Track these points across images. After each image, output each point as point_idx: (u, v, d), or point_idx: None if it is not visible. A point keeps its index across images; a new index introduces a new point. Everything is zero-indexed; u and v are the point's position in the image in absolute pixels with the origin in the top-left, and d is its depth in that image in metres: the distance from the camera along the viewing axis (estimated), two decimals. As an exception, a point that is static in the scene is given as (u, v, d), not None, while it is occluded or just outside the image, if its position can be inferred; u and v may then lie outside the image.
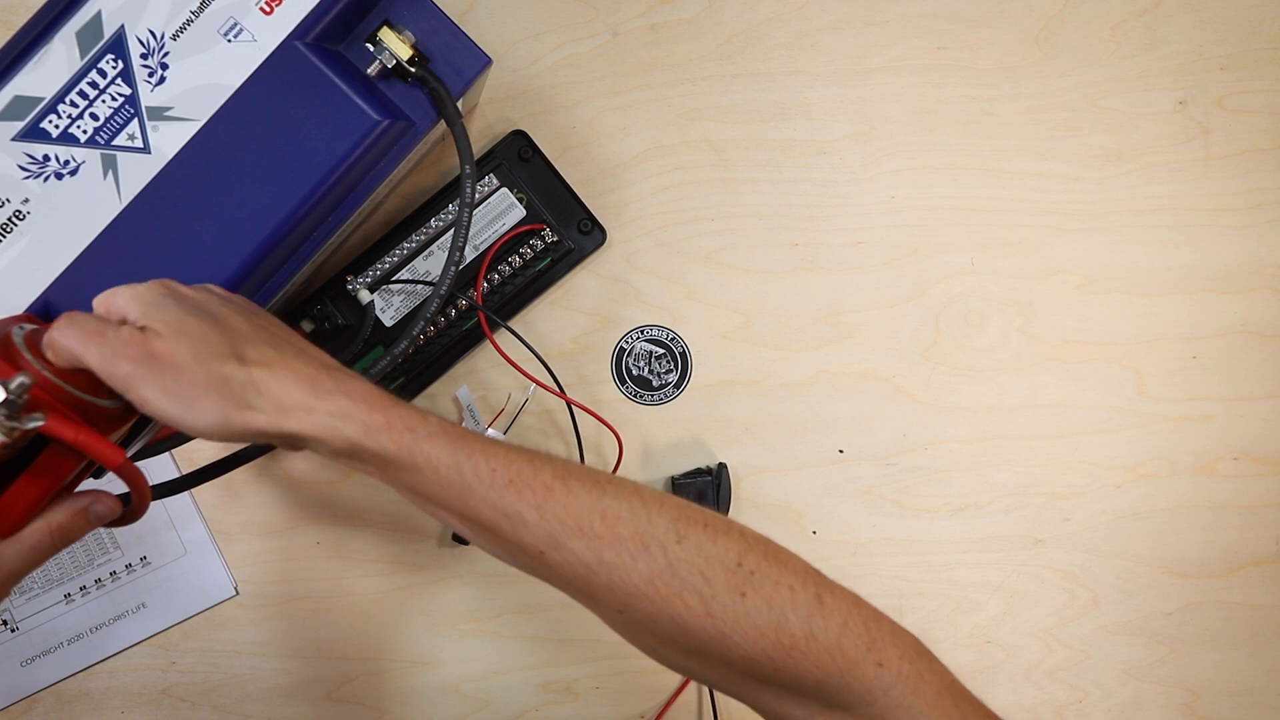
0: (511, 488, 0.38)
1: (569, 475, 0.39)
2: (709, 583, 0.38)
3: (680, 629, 0.38)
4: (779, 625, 0.38)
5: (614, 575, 0.38)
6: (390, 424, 0.37)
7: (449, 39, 0.48)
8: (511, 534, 0.39)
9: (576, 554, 0.38)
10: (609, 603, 0.39)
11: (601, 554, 0.38)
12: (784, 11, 0.65)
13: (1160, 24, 0.66)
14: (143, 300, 0.38)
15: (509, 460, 0.38)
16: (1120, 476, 0.66)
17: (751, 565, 0.38)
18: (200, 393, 0.36)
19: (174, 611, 0.61)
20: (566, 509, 0.38)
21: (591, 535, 0.38)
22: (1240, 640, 0.66)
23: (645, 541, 0.38)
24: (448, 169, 0.63)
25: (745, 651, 0.38)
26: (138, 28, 0.44)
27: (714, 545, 0.38)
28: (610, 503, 0.38)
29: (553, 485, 0.38)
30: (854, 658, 0.38)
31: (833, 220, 0.65)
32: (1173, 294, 0.66)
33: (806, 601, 0.38)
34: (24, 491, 0.37)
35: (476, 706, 0.63)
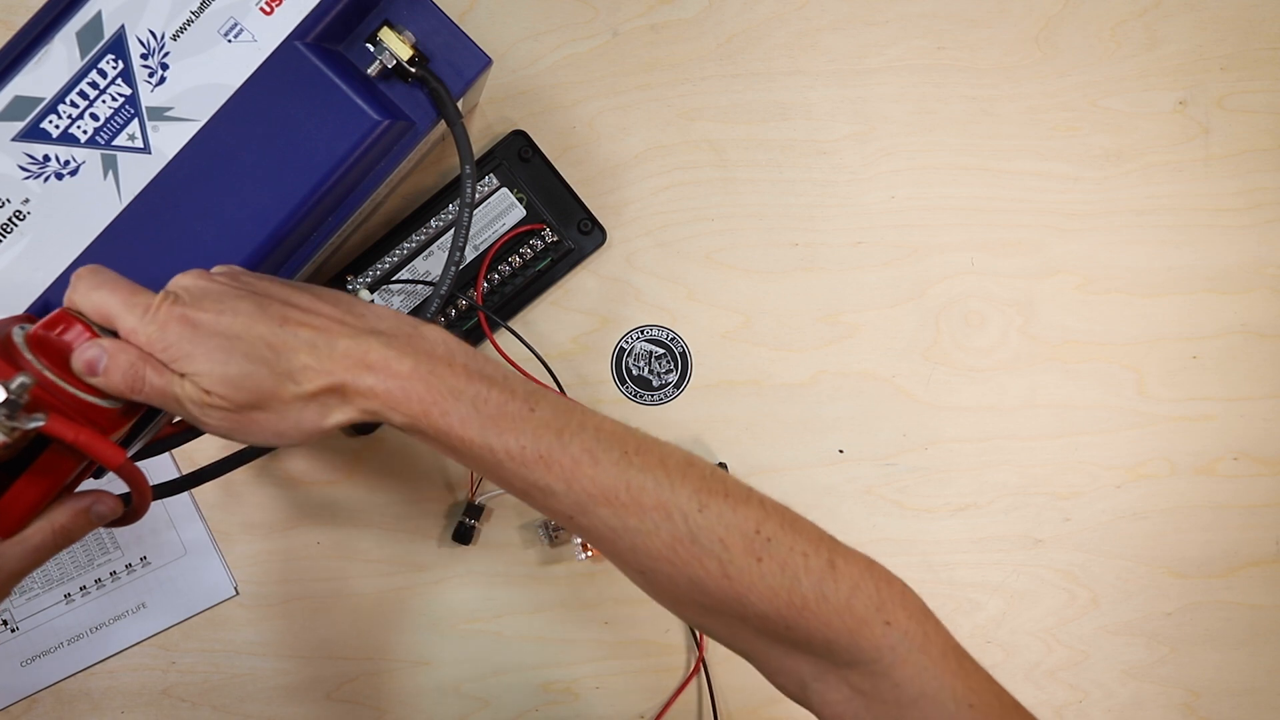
0: (541, 464, 0.40)
1: (598, 447, 0.40)
2: (727, 549, 0.39)
3: (699, 589, 0.40)
4: (791, 587, 0.39)
5: (638, 540, 0.40)
6: (426, 412, 0.39)
7: (449, 39, 0.48)
8: (542, 503, 0.41)
9: (603, 520, 0.40)
10: (633, 564, 0.41)
11: (626, 521, 0.40)
12: (784, 11, 0.65)
13: (1160, 24, 0.66)
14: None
15: (538, 436, 0.40)
16: (1120, 476, 0.66)
17: (769, 533, 0.40)
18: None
19: (174, 611, 0.61)
20: (593, 481, 0.40)
21: (617, 504, 0.40)
22: (1240, 640, 0.66)
23: (668, 510, 0.40)
24: (448, 169, 0.63)
25: (760, 610, 0.40)
26: (138, 28, 0.44)
27: (734, 514, 0.40)
28: (635, 475, 0.40)
29: (580, 459, 0.40)
30: (863, 617, 0.40)
31: (833, 220, 0.65)
32: (1173, 294, 0.66)
33: (819, 566, 0.40)
34: (25, 492, 0.37)
35: (476, 706, 0.63)
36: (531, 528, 0.63)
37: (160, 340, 0.38)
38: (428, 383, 0.39)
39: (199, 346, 0.38)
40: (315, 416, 0.40)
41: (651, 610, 0.63)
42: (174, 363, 0.38)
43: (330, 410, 0.40)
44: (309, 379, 0.39)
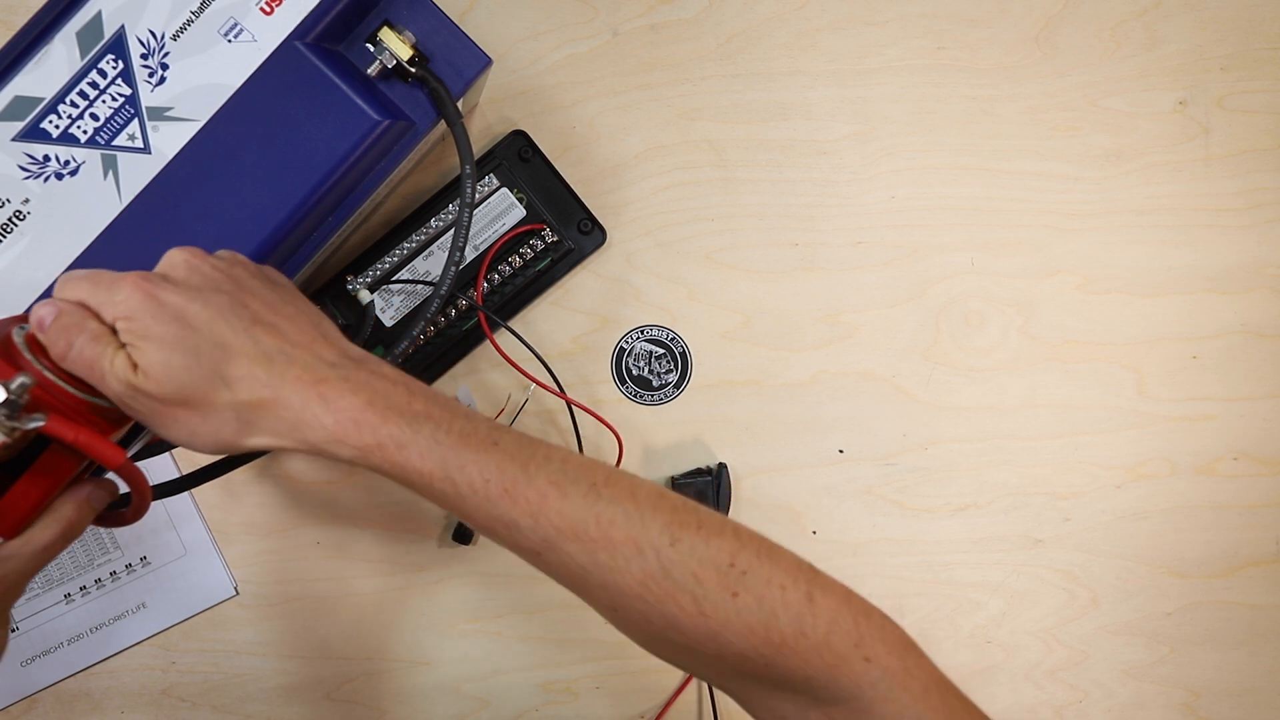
0: (506, 497, 0.38)
1: (565, 479, 0.39)
2: (701, 583, 0.38)
3: (673, 627, 0.39)
4: (769, 623, 0.38)
5: (608, 577, 0.38)
6: (381, 445, 0.37)
7: (449, 39, 0.48)
8: (507, 538, 0.39)
9: (572, 556, 0.38)
10: (603, 600, 0.39)
11: (596, 556, 0.38)
12: (784, 11, 0.65)
13: (1160, 24, 0.66)
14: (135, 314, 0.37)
15: (502, 468, 0.38)
16: (1120, 476, 0.66)
17: (744, 565, 0.39)
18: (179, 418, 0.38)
19: (174, 611, 0.61)
20: (561, 515, 0.38)
21: (586, 539, 0.38)
22: (1240, 640, 0.66)
23: (639, 545, 0.38)
24: (448, 169, 0.63)
25: (737, 648, 0.38)
26: (138, 28, 0.44)
27: (707, 547, 0.39)
28: (605, 508, 0.38)
29: (547, 492, 0.38)
30: (841, 653, 0.38)
31: (833, 220, 0.65)
32: (1173, 294, 0.66)
33: (797, 600, 0.39)
34: (26, 492, 0.37)
35: (476, 706, 0.63)
36: (531, 528, 0.63)
37: (121, 307, 0.37)
38: (383, 414, 0.37)
39: (154, 324, 0.36)
40: (235, 430, 0.38)
41: (651, 610, 0.63)
42: (124, 332, 0.37)
43: (254, 427, 0.38)
44: (245, 389, 0.37)
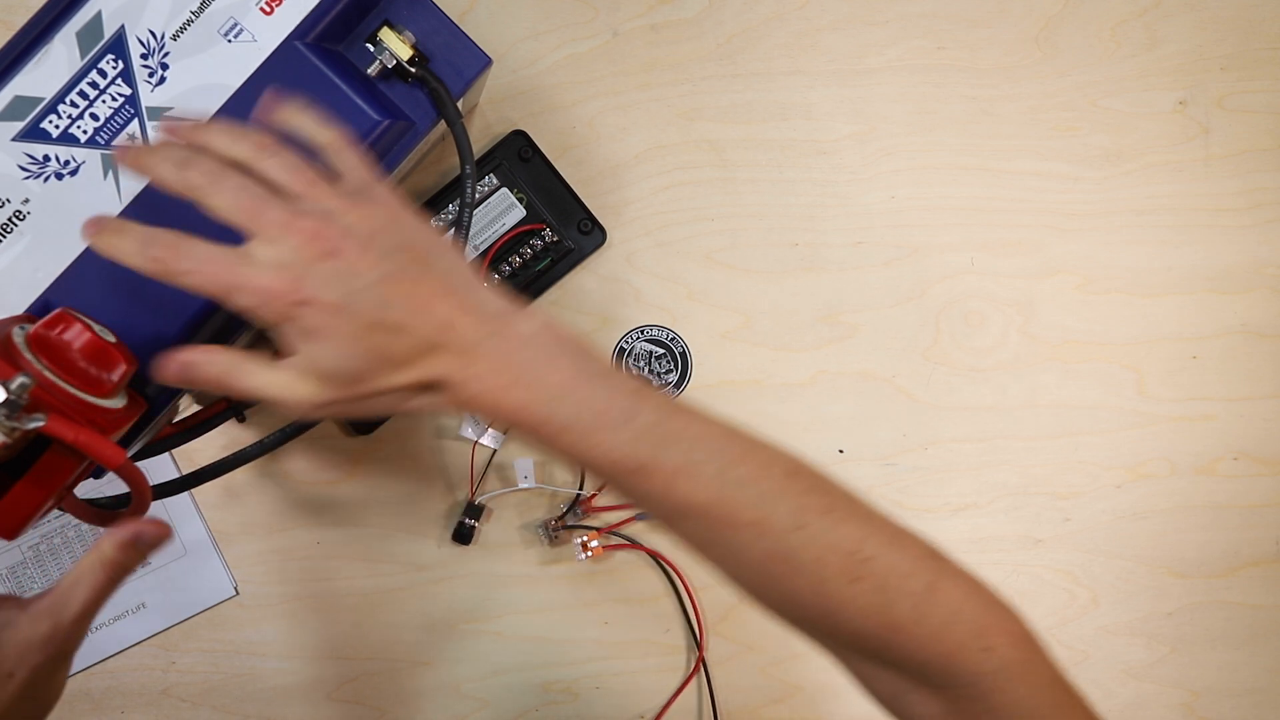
0: (639, 473, 0.38)
1: (696, 457, 0.38)
2: (823, 567, 0.38)
3: (790, 602, 0.39)
4: (887, 609, 0.38)
5: (729, 553, 0.39)
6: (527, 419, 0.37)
7: (449, 39, 0.48)
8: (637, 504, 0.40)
9: (696, 531, 0.39)
10: (723, 570, 0.40)
11: (719, 534, 0.39)
12: (784, 11, 0.65)
13: (1160, 24, 0.66)
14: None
15: (636, 446, 0.38)
16: (1120, 476, 0.66)
17: (870, 552, 0.39)
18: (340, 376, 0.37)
19: (174, 611, 0.61)
20: (688, 496, 0.38)
21: (710, 519, 0.38)
22: (1240, 640, 0.66)
23: (764, 528, 0.38)
24: (448, 169, 0.63)
25: (853, 628, 0.39)
26: (138, 28, 0.44)
27: (833, 532, 0.38)
28: (732, 490, 0.38)
29: (678, 472, 0.38)
30: (960, 642, 0.38)
31: (833, 220, 0.65)
32: (1173, 294, 0.66)
33: (919, 588, 0.38)
34: (26, 493, 0.37)
35: (476, 706, 0.63)
36: (531, 528, 0.63)
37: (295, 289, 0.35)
38: (531, 389, 0.37)
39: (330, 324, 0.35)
40: (395, 401, 0.38)
41: (651, 610, 0.63)
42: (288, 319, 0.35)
43: (413, 398, 0.38)
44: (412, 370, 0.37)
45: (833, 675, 0.64)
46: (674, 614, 0.64)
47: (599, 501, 0.63)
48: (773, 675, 0.64)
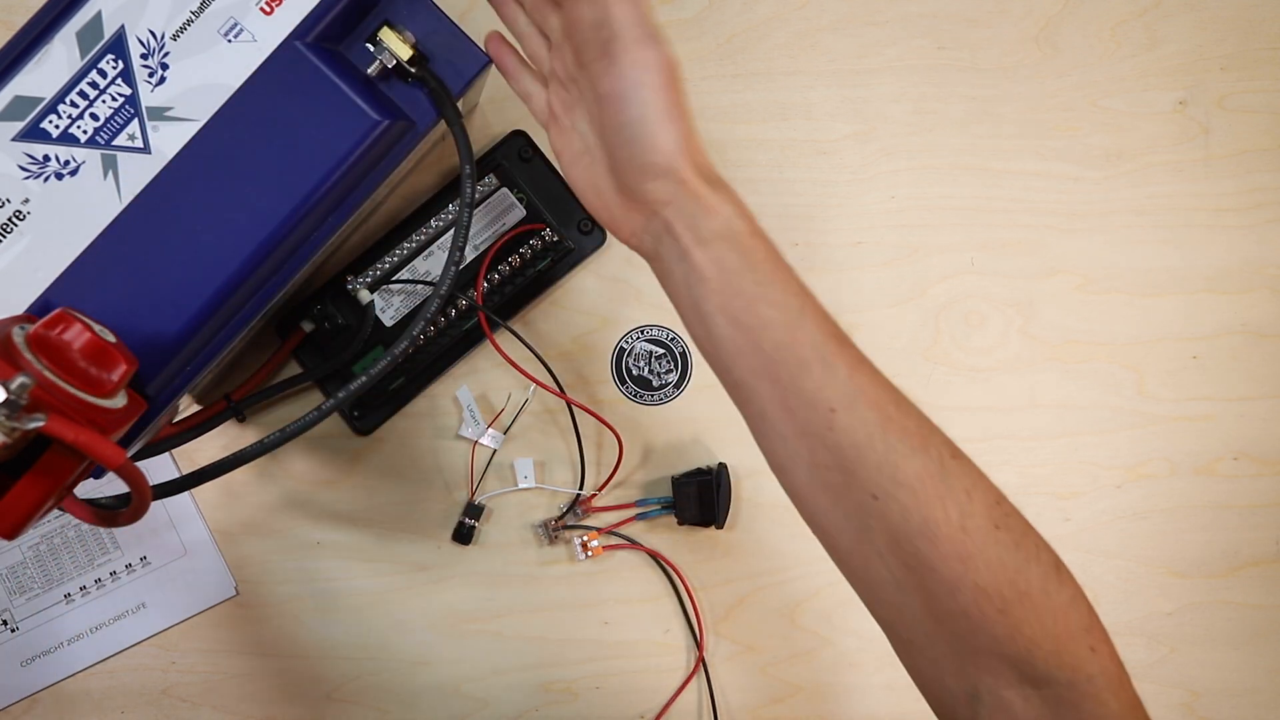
0: (834, 340, 0.39)
1: (869, 362, 0.40)
2: (971, 501, 0.37)
3: (928, 534, 0.37)
4: (1021, 568, 0.37)
5: (890, 457, 0.38)
6: (762, 236, 0.41)
7: (449, 39, 0.48)
8: (819, 378, 0.39)
9: (865, 422, 0.38)
10: (868, 484, 0.38)
11: (887, 432, 0.38)
12: (784, 12, 0.65)
13: (1160, 24, 0.66)
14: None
15: (830, 316, 0.40)
16: (1120, 476, 0.66)
17: (1007, 509, 0.38)
18: (680, 116, 0.41)
19: (174, 611, 0.61)
20: (871, 381, 0.39)
21: (883, 415, 0.38)
22: (1240, 640, 0.66)
23: (926, 442, 0.38)
24: (448, 169, 0.63)
25: (980, 580, 0.37)
26: (138, 28, 0.44)
27: (980, 477, 0.39)
28: (901, 397, 0.39)
29: (863, 359, 0.40)
30: (1073, 632, 0.37)
31: (833, 220, 0.65)
32: (1173, 294, 0.66)
33: (1048, 561, 0.38)
34: (26, 493, 0.37)
35: (476, 706, 0.63)
36: (531, 528, 0.63)
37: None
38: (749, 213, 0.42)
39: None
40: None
41: (651, 610, 0.63)
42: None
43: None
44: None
45: (832, 675, 0.64)
46: (674, 614, 0.64)
47: (599, 501, 0.63)
48: (773, 675, 0.64)
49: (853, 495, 0.39)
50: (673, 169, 0.41)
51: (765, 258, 0.41)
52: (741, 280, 0.40)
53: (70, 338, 0.38)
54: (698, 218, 0.41)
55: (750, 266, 0.40)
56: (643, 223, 0.43)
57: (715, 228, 0.40)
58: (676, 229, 0.41)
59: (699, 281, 0.41)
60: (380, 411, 0.62)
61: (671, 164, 0.41)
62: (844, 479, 0.39)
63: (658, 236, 0.42)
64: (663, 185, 0.41)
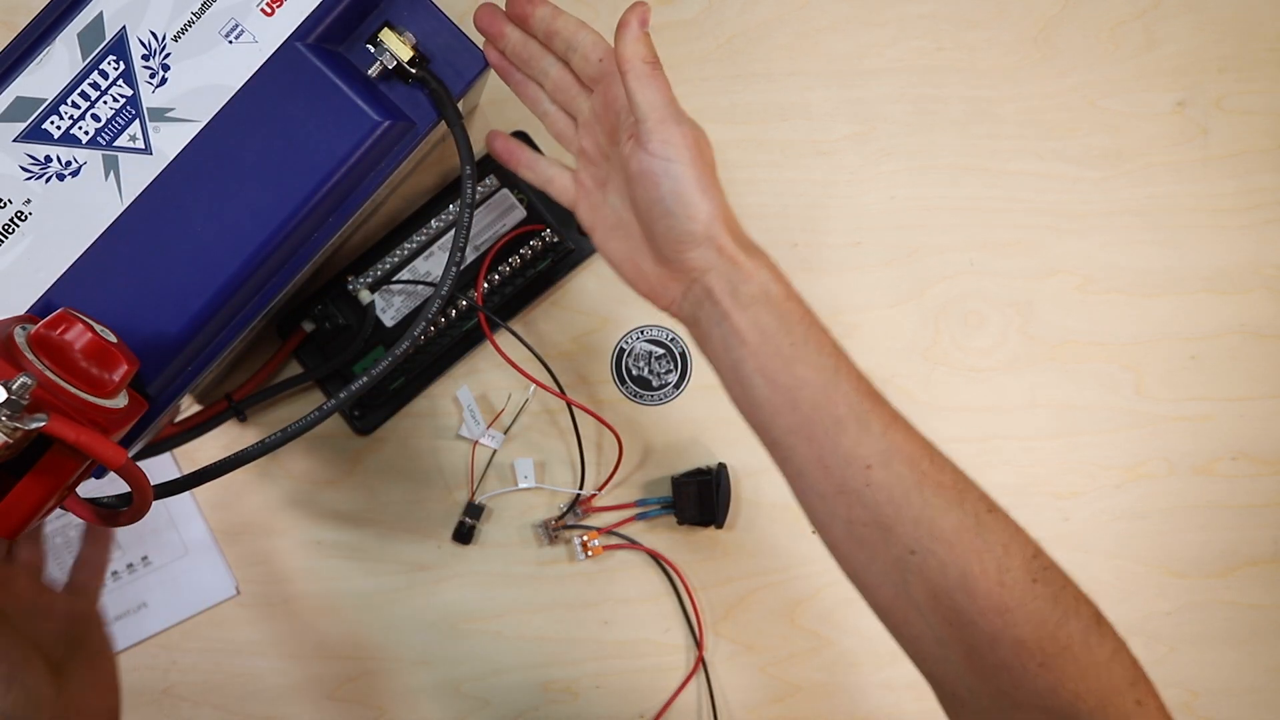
0: (869, 399, 0.40)
1: (904, 418, 0.41)
2: (1008, 554, 0.38)
3: (966, 588, 0.38)
4: (1061, 622, 0.37)
5: (926, 512, 0.38)
6: (798, 299, 0.42)
7: (449, 40, 0.48)
8: (855, 436, 0.40)
9: (901, 478, 0.39)
10: (906, 539, 0.39)
11: (923, 487, 0.39)
12: (784, 13, 0.65)
13: (1159, 25, 0.66)
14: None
15: (862, 378, 0.41)
16: (1119, 476, 0.66)
17: (1045, 562, 0.39)
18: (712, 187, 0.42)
19: (175, 611, 0.61)
20: (906, 437, 0.40)
21: (919, 470, 0.39)
22: (1239, 639, 0.66)
23: (962, 496, 0.39)
24: (448, 170, 0.63)
25: (1020, 634, 0.37)
26: (139, 29, 0.44)
27: (1017, 531, 0.39)
28: (936, 452, 0.40)
29: (897, 416, 0.41)
30: (1119, 685, 0.38)
31: (833, 220, 0.65)
32: (1171, 294, 0.66)
33: (1089, 614, 0.38)
34: (27, 493, 0.37)
35: (476, 706, 0.63)
36: (531, 528, 0.63)
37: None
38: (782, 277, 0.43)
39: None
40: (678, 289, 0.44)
41: (651, 610, 0.64)
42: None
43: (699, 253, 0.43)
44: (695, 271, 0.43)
45: (832, 675, 0.64)
46: (674, 614, 0.64)
47: (599, 501, 0.63)
48: (773, 675, 0.64)
49: (890, 550, 0.39)
50: (710, 237, 0.42)
51: (800, 320, 0.42)
52: (779, 342, 0.41)
53: (72, 338, 0.38)
54: (736, 282, 0.42)
55: (787, 329, 0.41)
56: (681, 290, 0.44)
57: (753, 291, 0.42)
58: (716, 293, 0.42)
59: (739, 344, 0.42)
60: (381, 411, 0.62)
61: (709, 232, 0.42)
62: (881, 535, 0.39)
63: (697, 303, 0.44)
64: (701, 253, 0.42)
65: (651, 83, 0.42)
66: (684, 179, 0.42)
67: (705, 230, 0.42)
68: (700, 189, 0.42)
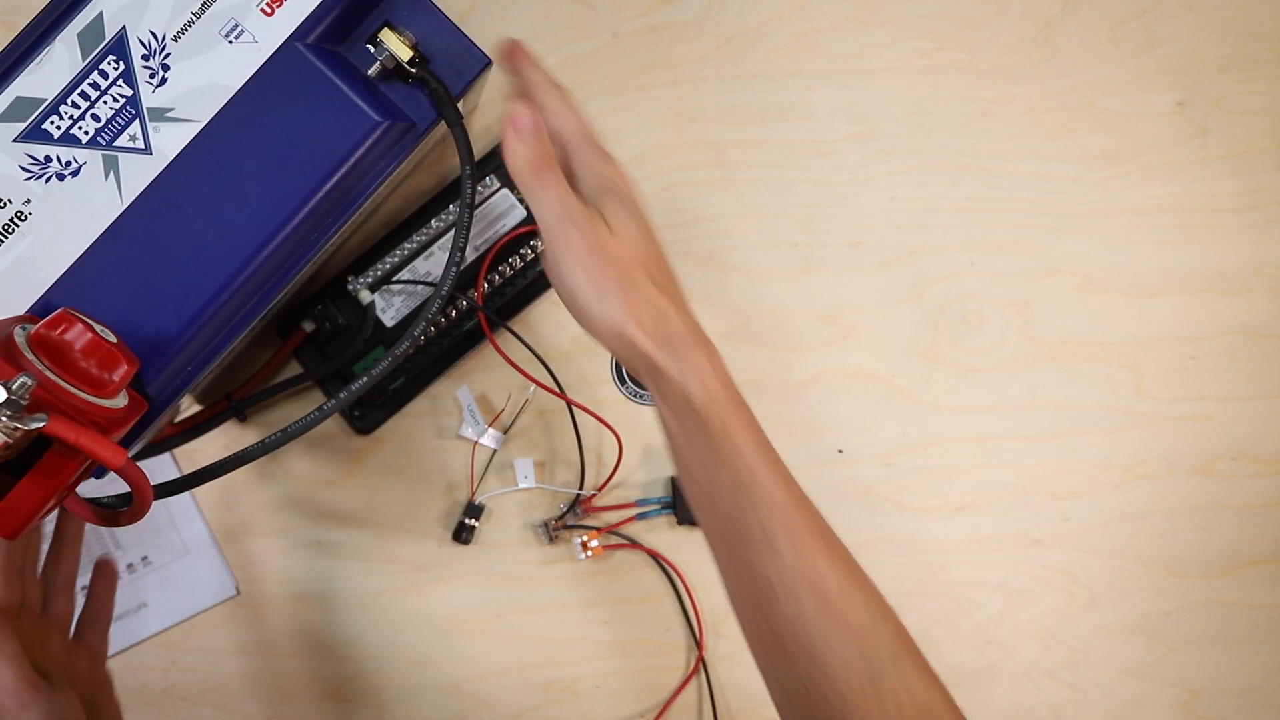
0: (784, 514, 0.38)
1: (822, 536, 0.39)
2: (903, 712, 0.37)
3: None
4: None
5: (824, 652, 0.37)
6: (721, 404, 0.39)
7: (449, 40, 0.48)
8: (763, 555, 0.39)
9: (803, 609, 0.38)
10: (802, 673, 0.38)
11: (823, 621, 0.37)
12: (784, 13, 0.65)
13: (1159, 25, 0.66)
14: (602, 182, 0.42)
15: (790, 489, 0.39)
16: (1119, 476, 0.66)
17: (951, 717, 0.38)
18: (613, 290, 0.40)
19: (175, 611, 0.61)
20: (815, 563, 0.38)
21: (823, 599, 0.38)
22: (1239, 640, 0.66)
23: (863, 644, 0.37)
24: (448, 170, 0.63)
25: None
26: (139, 29, 0.44)
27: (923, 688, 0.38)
28: (849, 581, 0.38)
29: (813, 535, 0.39)
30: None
31: (833, 220, 0.65)
32: (1171, 294, 0.66)
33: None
34: (27, 493, 0.37)
35: (476, 706, 0.63)
36: (531, 528, 0.63)
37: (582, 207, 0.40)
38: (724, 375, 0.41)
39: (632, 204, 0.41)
40: (637, 324, 0.41)
41: (651, 610, 0.64)
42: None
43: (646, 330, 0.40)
44: (672, 297, 0.41)
45: (832, 675, 0.64)
46: (674, 614, 0.64)
47: (599, 501, 0.63)
48: (772, 675, 0.64)
49: (791, 678, 0.39)
50: (621, 338, 0.40)
51: (721, 428, 0.40)
52: (699, 445, 0.40)
53: (72, 338, 0.38)
54: (657, 380, 0.41)
55: (705, 433, 0.40)
56: None
57: (673, 392, 0.40)
58: (644, 382, 0.42)
59: (667, 433, 0.42)
60: (381, 411, 0.62)
61: (619, 334, 0.40)
62: (783, 658, 0.39)
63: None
64: (618, 348, 0.41)
65: (538, 193, 0.40)
66: (578, 288, 0.40)
67: (613, 332, 0.40)
68: (598, 296, 0.40)
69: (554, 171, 0.41)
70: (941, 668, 0.41)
